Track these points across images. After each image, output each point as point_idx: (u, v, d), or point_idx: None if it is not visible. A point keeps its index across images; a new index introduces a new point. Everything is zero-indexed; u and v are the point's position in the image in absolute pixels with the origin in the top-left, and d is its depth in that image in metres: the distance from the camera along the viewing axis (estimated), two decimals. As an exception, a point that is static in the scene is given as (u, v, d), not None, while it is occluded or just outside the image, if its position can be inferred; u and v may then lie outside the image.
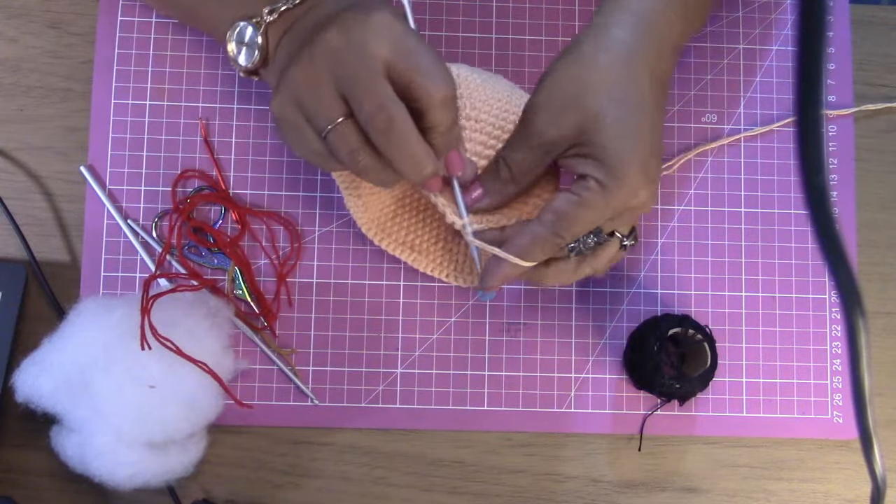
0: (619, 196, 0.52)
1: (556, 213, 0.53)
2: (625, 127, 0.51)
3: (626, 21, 0.53)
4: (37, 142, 0.68)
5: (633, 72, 0.52)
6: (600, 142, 0.51)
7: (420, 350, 0.68)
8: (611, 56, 0.52)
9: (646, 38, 0.53)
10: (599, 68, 0.51)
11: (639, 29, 0.53)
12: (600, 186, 0.52)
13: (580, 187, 0.52)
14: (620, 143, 0.51)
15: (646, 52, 0.53)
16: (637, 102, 0.52)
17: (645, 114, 0.52)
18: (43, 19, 0.69)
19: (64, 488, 0.64)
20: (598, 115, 0.51)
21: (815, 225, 0.35)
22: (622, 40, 0.52)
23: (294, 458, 0.66)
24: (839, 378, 0.69)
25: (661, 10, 0.54)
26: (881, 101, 0.72)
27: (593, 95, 0.51)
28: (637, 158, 0.51)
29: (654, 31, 0.53)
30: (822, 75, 0.33)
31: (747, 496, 0.68)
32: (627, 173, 0.51)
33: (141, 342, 0.58)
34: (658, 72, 0.54)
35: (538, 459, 0.67)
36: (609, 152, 0.51)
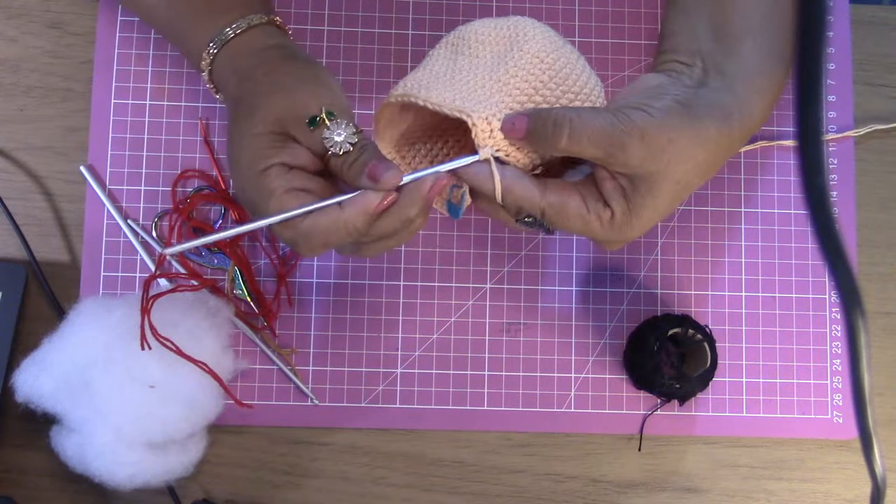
0: (616, 239, 0.54)
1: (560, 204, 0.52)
2: (671, 204, 0.53)
3: (745, 125, 0.54)
4: (37, 142, 0.68)
5: (716, 166, 0.54)
6: (646, 201, 0.52)
7: (420, 350, 0.68)
8: (719, 150, 0.53)
9: (745, 138, 0.55)
10: (704, 157, 0.52)
11: (746, 128, 0.55)
12: (612, 224, 0.52)
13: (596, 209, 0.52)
14: (655, 213, 0.52)
15: (736, 150, 0.56)
16: (691, 188, 0.54)
17: (684, 197, 0.54)
18: (43, 19, 0.69)
19: (64, 488, 0.64)
20: (668, 185, 0.51)
21: (815, 225, 0.35)
22: (732, 140, 0.54)
23: (294, 458, 0.66)
24: (839, 378, 0.69)
25: (764, 110, 0.56)
26: (881, 100, 0.72)
27: (683, 170, 0.51)
28: (648, 227, 0.53)
29: (752, 130, 0.56)
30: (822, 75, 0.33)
31: (747, 496, 0.68)
32: (636, 232, 0.53)
33: (141, 342, 0.58)
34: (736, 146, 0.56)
35: (538, 459, 0.67)
36: (644, 212, 0.52)
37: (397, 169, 0.50)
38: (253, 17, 0.57)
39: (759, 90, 0.55)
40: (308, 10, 0.70)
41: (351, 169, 0.51)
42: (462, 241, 0.69)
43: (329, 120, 0.52)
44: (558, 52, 0.54)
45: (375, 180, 0.50)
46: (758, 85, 0.55)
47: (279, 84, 0.53)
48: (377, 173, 0.50)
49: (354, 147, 0.51)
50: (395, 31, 0.71)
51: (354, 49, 0.70)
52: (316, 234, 0.51)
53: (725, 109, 0.53)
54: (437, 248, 0.69)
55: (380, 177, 0.50)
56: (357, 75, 0.70)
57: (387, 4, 0.71)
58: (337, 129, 0.51)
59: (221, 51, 0.56)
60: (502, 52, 0.54)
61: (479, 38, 0.55)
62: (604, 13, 0.72)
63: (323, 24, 0.70)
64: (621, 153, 0.50)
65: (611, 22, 0.72)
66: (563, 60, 0.54)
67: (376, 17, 0.71)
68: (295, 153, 0.52)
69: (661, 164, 0.51)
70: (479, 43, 0.55)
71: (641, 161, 0.50)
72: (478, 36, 0.55)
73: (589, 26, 0.72)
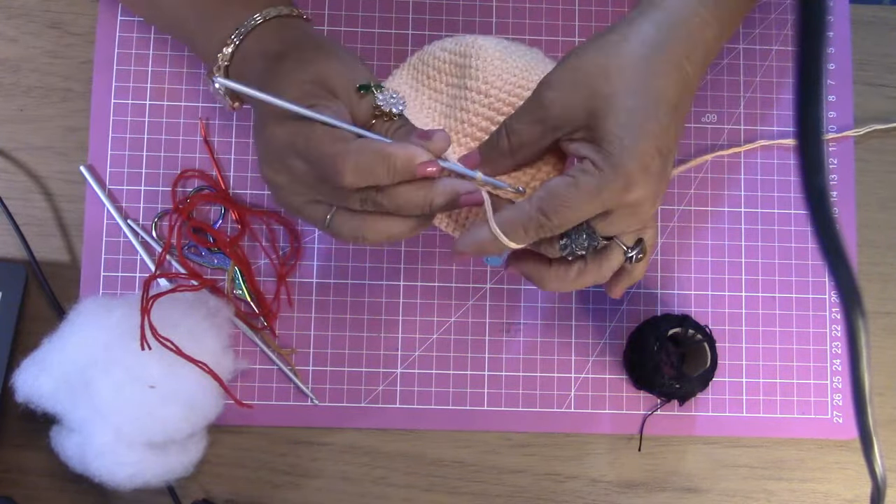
0: (613, 184, 0.50)
1: (546, 191, 0.51)
2: (634, 117, 0.50)
3: (657, 17, 0.52)
4: (37, 142, 0.68)
5: (657, 67, 0.51)
6: (606, 127, 0.50)
7: (420, 350, 0.68)
8: (636, 47, 0.51)
9: (675, 35, 0.52)
10: (622, 56, 0.51)
11: (669, 25, 0.52)
12: (596, 170, 0.50)
13: (576, 169, 0.51)
14: (625, 132, 0.50)
15: (673, 49, 0.52)
16: (654, 98, 0.51)
17: (658, 110, 0.51)
18: (43, 19, 0.69)
19: (64, 488, 0.64)
20: (609, 101, 0.50)
21: (815, 225, 0.35)
22: (651, 34, 0.52)
23: (294, 458, 0.66)
24: (839, 378, 0.69)
25: (695, 9, 0.53)
26: (881, 100, 0.72)
27: (610, 81, 0.50)
28: (639, 151, 0.50)
29: (685, 29, 0.53)
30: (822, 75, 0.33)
31: (747, 496, 0.68)
32: (626, 163, 0.50)
33: (141, 342, 0.58)
34: (683, 72, 0.53)
35: (538, 459, 0.67)
36: (612, 139, 0.50)
37: (448, 136, 0.53)
38: (282, 8, 0.57)
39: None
40: (308, 10, 0.70)
41: (396, 134, 0.53)
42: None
43: (378, 90, 0.54)
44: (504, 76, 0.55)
45: (427, 138, 0.52)
46: None
47: (328, 50, 0.55)
48: (428, 134, 0.52)
49: (400, 117, 0.54)
50: (395, 31, 0.71)
51: (354, 49, 0.70)
52: (363, 159, 0.50)
53: (626, 19, 0.53)
54: (437, 248, 0.69)
55: (431, 135, 0.52)
56: (358, 75, 0.70)
57: (387, 4, 0.71)
58: (386, 97, 0.54)
59: (248, 38, 0.56)
60: (454, 84, 0.57)
61: (436, 64, 0.58)
62: (604, 13, 0.72)
63: (323, 24, 0.70)
64: (544, 111, 0.51)
65: (611, 22, 0.72)
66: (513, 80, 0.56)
67: (376, 17, 0.71)
68: (339, 111, 0.53)
69: (581, 91, 0.50)
70: (437, 71, 0.58)
71: (562, 103, 0.51)
72: (434, 62, 0.58)
73: (589, 26, 0.72)
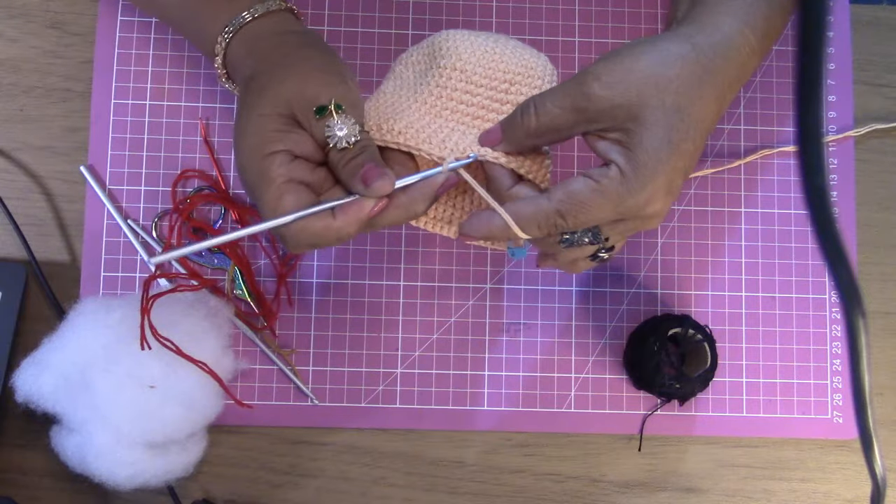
0: (636, 196, 0.50)
1: (567, 193, 0.51)
2: (672, 135, 0.50)
3: (716, 40, 0.52)
4: (37, 142, 0.68)
5: (706, 91, 0.51)
6: (642, 136, 0.50)
7: (420, 350, 0.68)
8: (693, 68, 0.51)
9: (729, 65, 0.52)
10: (677, 72, 0.50)
11: (725, 53, 0.52)
12: (622, 178, 0.50)
13: (600, 174, 0.50)
14: (660, 147, 0.50)
15: (723, 78, 0.52)
16: (696, 120, 0.51)
17: (696, 132, 0.51)
18: (43, 19, 0.69)
19: (64, 488, 0.64)
20: (654, 112, 0.50)
21: (815, 225, 0.35)
22: (708, 58, 0.52)
23: (294, 458, 0.66)
24: (839, 378, 0.69)
25: (747, 37, 0.53)
26: (881, 100, 0.72)
27: (661, 94, 0.50)
28: (668, 168, 0.50)
29: (737, 60, 0.53)
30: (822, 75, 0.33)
31: (747, 496, 0.68)
32: (654, 177, 0.50)
33: (141, 342, 0.58)
34: (724, 100, 0.53)
35: (538, 459, 0.67)
36: (646, 149, 0.50)
37: (390, 176, 0.50)
38: (271, 3, 0.57)
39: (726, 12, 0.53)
40: (308, 10, 0.70)
41: (346, 167, 0.51)
42: (462, 242, 0.69)
43: (336, 112, 0.51)
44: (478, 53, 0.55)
45: (367, 185, 0.50)
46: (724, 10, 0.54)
47: (294, 68, 0.53)
48: (369, 178, 0.50)
49: (355, 145, 0.51)
50: (395, 32, 0.71)
51: (354, 49, 0.70)
52: (305, 236, 0.51)
53: (684, 33, 0.52)
54: (437, 248, 0.69)
55: (371, 182, 0.50)
56: (357, 75, 0.70)
57: (387, 4, 0.71)
58: (341, 123, 0.51)
59: (237, 34, 0.56)
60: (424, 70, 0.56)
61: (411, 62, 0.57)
62: (604, 13, 0.72)
63: (323, 24, 0.70)
64: (588, 101, 0.50)
65: (611, 22, 0.72)
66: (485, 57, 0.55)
67: (376, 17, 0.71)
68: (300, 141, 0.52)
69: (633, 95, 0.50)
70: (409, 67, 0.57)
71: (610, 99, 0.50)
72: (410, 59, 0.57)
73: (589, 26, 0.72)
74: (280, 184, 0.51)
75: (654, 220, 0.52)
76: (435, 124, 0.54)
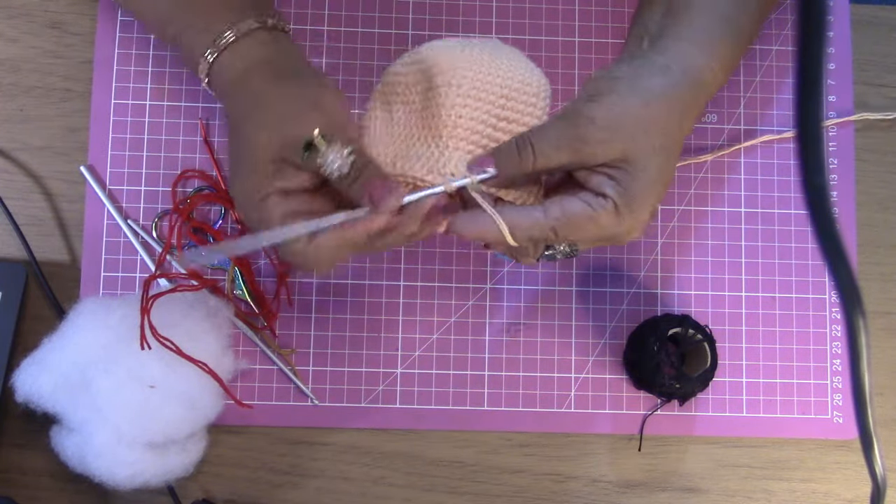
0: (624, 226, 0.53)
1: (564, 213, 0.52)
2: (660, 173, 0.53)
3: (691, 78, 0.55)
4: (37, 142, 0.68)
5: (682, 124, 0.54)
6: (635, 177, 0.52)
7: (420, 350, 0.68)
8: (671, 104, 0.54)
9: (697, 93, 0.55)
10: (661, 114, 0.53)
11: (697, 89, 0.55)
12: (616, 211, 0.52)
13: (597, 203, 0.52)
14: (650, 186, 0.52)
15: (694, 108, 0.56)
16: (675, 153, 0.54)
17: (674, 163, 0.55)
18: (43, 19, 0.69)
19: (64, 488, 0.64)
20: (646, 155, 0.52)
21: (815, 225, 0.35)
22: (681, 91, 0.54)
23: (294, 458, 0.66)
24: (839, 378, 0.69)
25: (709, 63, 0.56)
26: (881, 100, 0.72)
27: (649, 136, 0.52)
28: (653, 202, 0.53)
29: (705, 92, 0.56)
30: (822, 75, 0.33)
31: (747, 496, 0.68)
32: (642, 212, 0.53)
33: (141, 342, 0.58)
34: (691, 127, 0.56)
35: (538, 459, 0.67)
36: (638, 188, 0.52)
37: (398, 191, 0.51)
38: (241, 25, 0.55)
39: (697, 44, 0.56)
40: (308, 10, 0.70)
41: (351, 190, 0.51)
42: (462, 242, 0.69)
43: (323, 144, 0.51)
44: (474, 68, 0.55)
45: (376, 205, 0.50)
46: (696, 40, 0.56)
47: (270, 112, 0.53)
48: (377, 197, 0.50)
49: (352, 167, 0.51)
50: (395, 31, 0.71)
51: (354, 49, 0.70)
52: (322, 257, 0.51)
53: (659, 65, 0.55)
54: (437, 248, 0.69)
55: (380, 202, 0.50)
56: (357, 75, 0.70)
57: (387, 4, 0.71)
58: (331, 153, 0.51)
59: (215, 63, 0.56)
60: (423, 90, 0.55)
61: (401, 80, 0.56)
62: (604, 13, 0.72)
63: (323, 24, 0.70)
64: (585, 145, 0.51)
65: (611, 22, 0.72)
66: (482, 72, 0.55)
67: (376, 17, 0.71)
68: (292, 178, 0.52)
69: (626, 138, 0.52)
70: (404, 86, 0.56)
71: (605, 144, 0.51)
72: (399, 78, 0.56)
73: (589, 26, 0.72)
74: (280, 221, 0.51)
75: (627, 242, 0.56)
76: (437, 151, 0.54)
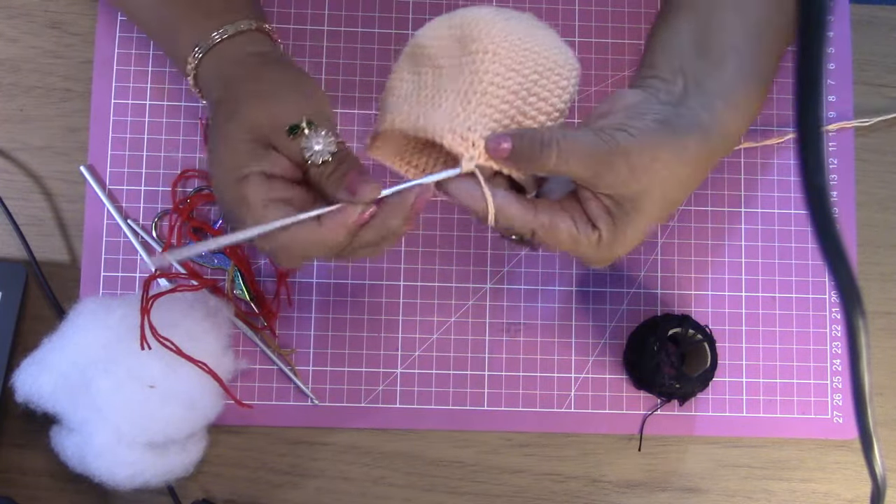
0: (600, 256, 0.54)
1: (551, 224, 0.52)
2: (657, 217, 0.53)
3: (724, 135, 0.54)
4: (37, 142, 0.68)
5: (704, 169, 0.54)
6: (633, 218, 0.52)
7: (420, 350, 0.68)
8: (701, 166, 0.53)
9: (725, 154, 0.56)
10: (689, 172, 0.53)
11: (728, 146, 0.55)
12: (598, 244, 0.52)
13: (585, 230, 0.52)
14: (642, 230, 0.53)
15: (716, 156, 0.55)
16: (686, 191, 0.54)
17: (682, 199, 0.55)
18: (43, 19, 0.69)
19: (64, 488, 0.64)
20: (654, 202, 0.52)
21: (815, 225, 0.35)
22: (716, 156, 0.54)
23: (294, 458, 0.66)
24: (839, 378, 0.69)
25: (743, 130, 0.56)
26: (881, 100, 0.72)
27: (666, 189, 0.52)
28: (646, 233, 0.54)
29: (732, 148, 0.56)
30: (822, 75, 0.33)
31: (747, 496, 0.68)
32: (623, 249, 0.53)
33: (141, 342, 0.58)
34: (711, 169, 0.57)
35: (538, 459, 0.67)
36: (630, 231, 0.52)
37: (376, 183, 0.50)
38: (241, 23, 0.56)
39: (737, 107, 0.55)
40: (308, 10, 0.70)
41: (329, 180, 0.51)
42: (462, 241, 0.69)
43: (309, 129, 0.51)
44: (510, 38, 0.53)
45: (353, 193, 0.50)
46: (737, 102, 0.55)
47: (261, 91, 0.53)
48: (355, 186, 0.50)
49: (333, 157, 0.51)
50: (395, 31, 0.71)
51: (354, 49, 0.70)
52: (295, 248, 0.51)
53: (704, 126, 0.53)
54: (437, 248, 0.69)
55: (357, 190, 0.50)
56: (357, 75, 0.70)
57: (387, 4, 0.71)
58: (316, 138, 0.51)
59: (206, 56, 0.56)
60: (457, 55, 0.54)
61: (434, 43, 0.55)
62: (604, 13, 0.72)
63: (323, 24, 0.70)
64: (608, 173, 0.50)
65: (611, 22, 0.72)
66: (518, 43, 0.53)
67: (376, 17, 0.71)
68: (275, 161, 0.52)
69: (645, 183, 0.51)
70: (437, 49, 0.55)
71: (626, 181, 0.51)
72: (431, 42, 0.55)
73: (589, 26, 0.72)
74: (259, 205, 0.50)
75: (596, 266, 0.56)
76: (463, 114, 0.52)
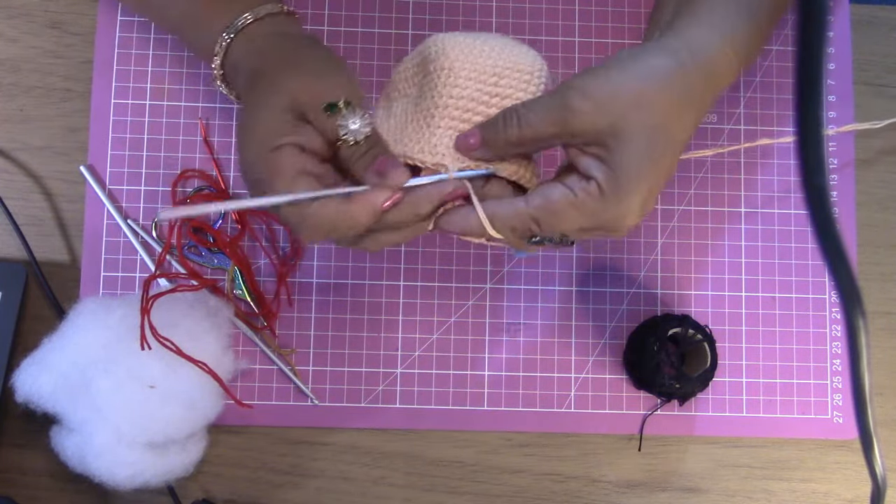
0: (611, 212, 0.51)
1: (545, 201, 0.51)
2: (653, 155, 0.50)
3: (698, 61, 0.52)
4: (37, 142, 0.68)
5: (686, 109, 0.52)
6: (622, 155, 0.50)
7: (420, 350, 0.68)
8: (676, 87, 0.51)
9: (708, 85, 0.53)
10: (661, 92, 0.51)
11: (707, 72, 0.53)
12: (601, 194, 0.50)
13: (579, 187, 0.51)
14: (640, 167, 0.50)
15: (703, 97, 0.53)
16: (675, 137, 0.52)
17: (675, 148, 0.52)
18: (43, 19, 0.69)
19: (64, 488, 0.64)
20: (636, 131, 0.50)
21: (815, 225, 0.35)
22: (690, 77, 0.52)
23: (294, 458, 0.66)
24: (839, 378, 0.69)
25: (723, 49, 0.53)
26: (881, 100, 0.72)
27: (644, 112, 0.50)
28: (645, 186, 0.51)
29: (716, 79, 0.53)
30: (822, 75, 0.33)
31: (747, 496, 0.68)
32: (631, 196, 0.51)
33: (141, 342, 0.58)
34: (700, 116, 0.54)
35: (538, 459, 0.67)
36: (625, 168, 0.50)
37: (405, 168, 0.51)
38: (271, 6, 0.57)
39: (715, 27, 0.53)
40: (308, 10, 0.70)
41: (360, 161, 0.51)
42: (462, 241, 0.69)
43: (346, 108, 0.51)
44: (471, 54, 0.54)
45: (382, 175, 0.50)
46: (713, 23, 0.54)
47: (303, 65, 0.53)
48: (384, 168, 0.50)
49: (365, 141, 0.52)
50: (395, 31, 0.71)
51: (354, 49, 0.70)
52: (321, 222, 0.50)
53: (670, 48, 0.52)
54: (437, 248, 0.69)
55: (387, 173, 0.50)
56: (357, 75, 0.70)
57: (387, 4, 0.71)
58: (353, 118, 0.51)
59: (238, 36, 0.56)
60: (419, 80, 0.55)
61: (401, 76, 0.56)
62: (604, 13, 0.72)
63: (323, 24, 0.70)
64: (574, 117, 0.50)
65: (611, 22, 0.72)
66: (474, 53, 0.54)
67: (376, 17, 0.71)
68: (309, 136, 0.52)
69: (616, 111, 0.50)
70: (405, 81, 0.56)
71: (594, 118, 0.49)
72: (400, 75, 0.56)
73: (589, 26, 0.72)
74: (291, 175, 0.51)
75: (619, 233, 0.53)
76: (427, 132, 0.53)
